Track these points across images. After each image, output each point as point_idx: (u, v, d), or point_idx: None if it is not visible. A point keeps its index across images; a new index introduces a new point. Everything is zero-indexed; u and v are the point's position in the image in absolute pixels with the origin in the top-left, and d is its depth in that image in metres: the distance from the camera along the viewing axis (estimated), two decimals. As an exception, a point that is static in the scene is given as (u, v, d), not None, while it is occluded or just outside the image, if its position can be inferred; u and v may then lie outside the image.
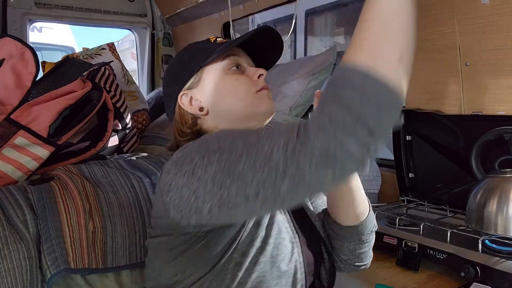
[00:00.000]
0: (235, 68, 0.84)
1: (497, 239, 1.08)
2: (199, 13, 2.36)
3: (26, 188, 1.05)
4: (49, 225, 0.98)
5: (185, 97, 0.86)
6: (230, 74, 0.83)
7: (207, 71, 0.84)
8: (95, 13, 2.39)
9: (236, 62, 0.85)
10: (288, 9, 2.62)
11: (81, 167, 1.20)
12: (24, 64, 1.26)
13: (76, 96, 1.26)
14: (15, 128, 1.16)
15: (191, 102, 0.85)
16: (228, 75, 0.83)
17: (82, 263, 0.98)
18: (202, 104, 0.85)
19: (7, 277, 0.89)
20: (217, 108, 0.84)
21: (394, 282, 1.07)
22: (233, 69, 0.84)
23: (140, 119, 1.80)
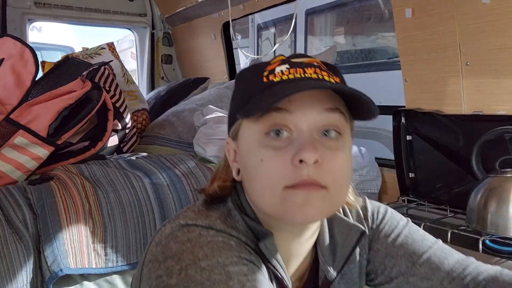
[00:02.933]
0: (275, 135, 0.53)
1: (498, 239, 1.07)
2: (199, 12, 2.36)
3: (25, 188, 1.04)
4: (48, 225, 0.98)
5: (229, 146, 0.61)
6: (261, 147, 0.53)
7: (244, 126, 0.57)
8: (95, 13, 2.38)
9: (281, 122, 0.52)
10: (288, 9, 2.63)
11: (81, 167, 1.20)
12: (23, 64, 1.26)
13: (76, 96, 1.26)
14: (15, 127, 1.16)
15: (235, 157, 0.60)
16: (259, 145, 0.53)
17: (82, 263, 0.98)
18: (240, 167, 0.59)
19: (7, 277, 0.89)
20: (247, 188, 0.58)
21: (394, 282, 1.06)
22: (271, 136, 0.53)
23: (139, 119, 1.80)
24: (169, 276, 0.48)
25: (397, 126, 1.53)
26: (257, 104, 0.52)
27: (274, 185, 0.52)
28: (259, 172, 0.53)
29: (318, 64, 0.56)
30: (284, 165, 0.51)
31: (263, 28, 4.63)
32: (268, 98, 0.51)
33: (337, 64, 3.31)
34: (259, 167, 0.53)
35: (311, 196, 0.51)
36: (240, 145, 0.58)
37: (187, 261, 0.48)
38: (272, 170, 0.52)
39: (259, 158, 0.53)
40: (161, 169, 1.21)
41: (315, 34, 4.05)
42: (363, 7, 3.61)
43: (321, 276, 0.64)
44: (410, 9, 1.39)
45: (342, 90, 0.52)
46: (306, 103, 0.52)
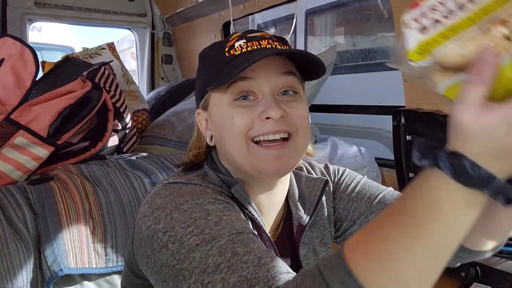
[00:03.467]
0: (243, 99, 0.62)
1: (497, 239, 1.07)
2: (199, 12, 2.36)
3: (25, 188, 1.05)
4: (49, 225, 0.98)
5: (200, 116, 0.70)
6: (232, 107, 0.62)
7: (213, 97, 0.66)
8: (95, 13, 2.38)
9: (247, 89, 0.62)
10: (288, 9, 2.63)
11: (81, 167, 1.20)
12: (23, 64, 1.26)
13: (76, 96, 1.26)
14: (15, 128, 1.16)
15: (207, 125, 0.69)
16: (230, 107, 0.62)
17: (82, 263, 0.98)
18: (212, 133, 0.68)
19: (7, 277, 0.89)
20: (221, 148, 0.67)
21: (394, 282, 1.06)
22: (240, 100, 0.62)
23: (140, 119, 1.80)
24: (157, 223, 0.55)
25: (397, 126, 1.53)
26: (226, 76, 0.61)
27: (244, 136, 0.61)
28: (231, 126, 0.62)
29: (270, 36, 0.65)
30: (253, 119, 0.61)
31: (263, 28, 4.63)
32: (234, 69, 0.60)
33: (337, 64, 3.31)
34: (231, 122, 0.62)
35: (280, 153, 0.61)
36: (212, 113, 0.66)
37: (171, 207, 0.55)
38: (242, 123, 0.61)
39: (230, 116, 0.62)
40: (161, 169, 1.22)
41: (315, 34, 4.05)
42: (363, 7, 3.61)
43: (295, 224, 0.72)
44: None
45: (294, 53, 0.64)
46: (267, 70, 0.62)
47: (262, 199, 0.69)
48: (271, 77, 0.62)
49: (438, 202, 0.39)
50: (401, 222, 0.40)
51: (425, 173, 0.40)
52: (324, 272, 0.41)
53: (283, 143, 0.62)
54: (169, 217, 0.54)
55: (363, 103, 2.27)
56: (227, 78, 0.60)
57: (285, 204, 0.73)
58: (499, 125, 0.35)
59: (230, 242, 0.49)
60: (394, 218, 0.41)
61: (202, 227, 0.51)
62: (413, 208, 0.40)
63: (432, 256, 0.39)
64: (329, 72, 1.85)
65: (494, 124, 0.35)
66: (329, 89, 2.01)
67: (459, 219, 0.39)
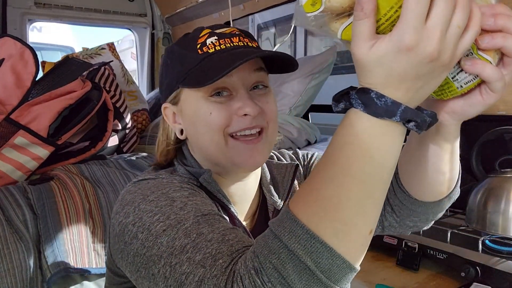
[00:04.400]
0: (218, 95, 0.64)
1: (497, 239, 1.08)
2: (199, 12, 2.36)
3: (25, 188, 1.05)
4: (48, 225, 0.98)
5: (168, 110, 0.70)
6: (208, 103, 0.63)
7: (185, 92, 0.66)
8: (95, 13, 2.39)
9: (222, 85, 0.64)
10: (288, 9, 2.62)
11: (81, 167, 1.20)
12: (23, 64, 1.26)
13: (76, 96, 1.26)
14: (15, 128, 1.16)
15: (174, 119, 0.70)
16: (206, 103, 0.64)
17: (82, 263, 0.98)
18: (182, 127, 0.69)
19: (7, 277, 0.89)
20: (194, 139, 0.68)
21: (394, 282, 1.06)
22: (215, 96, 0.63)
23: (140, 119, 1.80)
24: (127, 217, 0.56)
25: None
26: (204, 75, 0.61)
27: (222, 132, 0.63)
28: (209, 122, 0.63)
29: (239, 33, 0.66)
30: (230, 115, 0.63)
31: (263, 28, 4.63)
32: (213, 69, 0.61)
33: (337, 64, 3.31)
34: (209, 118, 0.63)
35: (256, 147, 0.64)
36: (184, 107, 0.67)
37: (138, 200, 0.57)
38: (220, 120, 0.63)
39: (208, 112, 0.63)
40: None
41: (315, 34, 4.05)
42: (363, 7, 3.61)
43: (270, 209, 0.74)
44: (410, 9, 1.39)
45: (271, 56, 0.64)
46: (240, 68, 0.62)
47: (235, 189, 0.70)
48: (244, 74, 0.64)
49: (357, 135, 0.41)
50: (331, 163, 0.43)
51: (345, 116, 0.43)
52: (274, 228, 0.43)
53: (258, 137, 0.65)
54: (137, 209, 0.56)
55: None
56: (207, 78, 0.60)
57: (259, 192, 0.75)
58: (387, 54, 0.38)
59: (195, 224, 0.51)
60: (326, 161, 0.44)
61: (168, 214, 0.53)
62: (338, 147, 0.43)
63: (365, 189, 0.42)
64: (329, 72, 1.85)
65: (383, 53, 0.38)
66: (329, 89, 2.01)
67: (381, 149, 0.42)
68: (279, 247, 0.42)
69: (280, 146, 1.67)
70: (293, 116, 1.78)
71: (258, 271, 0.42)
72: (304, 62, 1.87)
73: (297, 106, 1.80)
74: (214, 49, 0.64)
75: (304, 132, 1.72)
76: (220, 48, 0.64)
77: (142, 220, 0.54)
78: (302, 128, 1.72)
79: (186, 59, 0.66)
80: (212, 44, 0.64)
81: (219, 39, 0.65)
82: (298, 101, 1.79)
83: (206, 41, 0.65)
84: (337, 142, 0.43)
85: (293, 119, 1.74)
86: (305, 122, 1.79)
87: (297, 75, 1.81)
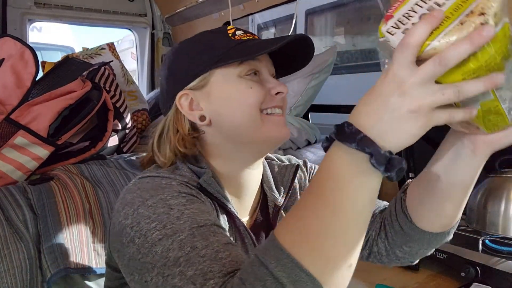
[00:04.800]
0: (254, 75, 0.69)
1: (498, 239, 1.08)
2: (199, 13, 2.36)
3: (25, 188, 1.05)
4: (49, 225, 0.98)
5: (184, 98, 0.69)
6: (246, 80, 0.67)
7: (218, 73, 0.68)
8: (95, 13, 2.38)
9: (255, 67, 0.69)
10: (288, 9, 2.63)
11: (81, 167, 1.20)
12: (23, 64, 1.26)
13: (76, 96, 1.26)
14: (15, 128, 1.16)
15: (191, 106, 0.69)
16: (244, 80, 0.67)
17: (82, 263, 0.98)
18: (204, 112, 0.69)
19: (7, 277, 0.89)
20: (222, 120, 0.68)
21: (394, 282, 1.06)
22: (251, 75, 0.68)
23: (140, 119, 1.81)
24: (126, 218, 0.58)
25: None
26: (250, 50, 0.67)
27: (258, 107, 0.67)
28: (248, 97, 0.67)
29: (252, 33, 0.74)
30: (265, 92, 0.68)
31: (263, 28, 4.63)
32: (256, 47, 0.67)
33: (337, 64, 3.31)
34: (249, 92, 0.67)
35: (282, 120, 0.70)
36: (214, 89, 0.69)
37: (138, 203, 0.58)
38: (259, 94, 0.67)
39: (248, 86, 0.67)
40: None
41: (315, 34, 4.05)
42: (363, 7, 3.61)
43: (270, 206, 0.76)
44: (410, 9, 1.39)
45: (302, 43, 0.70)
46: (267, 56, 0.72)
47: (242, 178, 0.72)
48: (269, 64, 0.72)
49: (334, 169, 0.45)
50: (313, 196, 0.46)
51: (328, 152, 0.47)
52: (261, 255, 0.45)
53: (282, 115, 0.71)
54: (136, 212, 0.57)
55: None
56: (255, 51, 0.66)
57: (260, 190, 0.78)
58: None
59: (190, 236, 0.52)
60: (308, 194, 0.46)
61: (165, 223, 0.54)
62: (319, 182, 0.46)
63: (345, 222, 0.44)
64: (329, 72, 1.85)
65: None
66: (329, 89, 2.01)
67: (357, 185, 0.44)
68: (265, 275, 0.43)
69: (280, 146, 1.67)
70: (293, 116, 1.78)
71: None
72: (304, 62, 1.87)
73: (297, 106, 1.79)
74: (246, 38, 0.70)
75: (304, 132, 1.72)
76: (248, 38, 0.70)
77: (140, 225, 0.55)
78: (302, 128, 1.72)
79: (219, 43, 0.69)
80: (241, 35, 0.70)
81: (245, 33, 0.71)
82: (298, 101, 1.79)
83: (235, 32, 0.71)
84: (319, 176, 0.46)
85: (293, 119, 1.74)
86: (305, 122, 1.79)
87: (297, 75, 1.81)
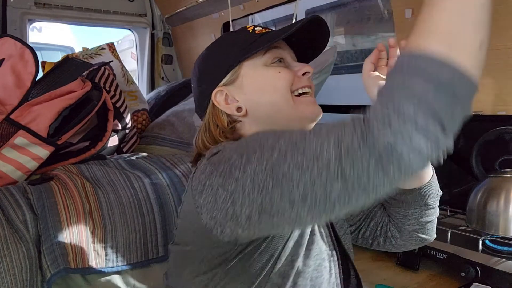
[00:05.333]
0: (279, 62, 0.75)
1: (497, 239, 1.08)
2: (199, 13, 2.36)
3: (25, 188, 1.05)
4: (49, 225, 0.98)
5: (219, 94, 0.74)
6: (273, 67, 0.73)
7: (246, 66, 0.73)
8: (95, 13, 2.38)
9: (279, 55, 0.75)
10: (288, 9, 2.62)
11: (81, 167, 1.20)
12: (23, 64, 1.26)
13: (76, 96, 1.26)
14: (15, 128, 1.16)
15: (227, 101, 0.74)
16: (271, 67, 0.73)
17: (82, 263, 0.98)
18: (240, 103, 0.74)
19: (7, 277, 0.89)
20: (258, 108, 0.73)
21: (394, 282, 1.07)
22: (277, 62, 0.74)
23: (140, 119, 1.80)
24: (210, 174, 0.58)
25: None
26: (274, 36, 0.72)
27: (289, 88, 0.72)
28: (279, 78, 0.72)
29: None
30: (292, 75, 0.73)
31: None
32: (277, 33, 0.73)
33: (337, 64, 3.31)
34: (278, 77, 0.72)
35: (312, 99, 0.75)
36: (245, 80, 0.74)
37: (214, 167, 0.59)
38: (288, 77, 0.73)
39: (277, 71, 0.73)
40: (161, 169, 1.22)
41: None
42: (363, 8, 3.61)
43: None
44: (410, 9, 1.39)
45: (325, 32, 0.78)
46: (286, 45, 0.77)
47: None
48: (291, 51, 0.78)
49: None
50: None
51: None
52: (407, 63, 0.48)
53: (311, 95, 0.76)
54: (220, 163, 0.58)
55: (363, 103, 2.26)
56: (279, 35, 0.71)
57: None
58: None
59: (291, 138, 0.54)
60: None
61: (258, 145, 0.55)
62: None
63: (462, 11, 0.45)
64: (329, 72, 1.85)
65: None
66: (329, 89, 2.01)
67: None
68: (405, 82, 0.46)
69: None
70: (293, 116, 1.78)
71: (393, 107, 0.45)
72: (304, 62, 1.87)
73: (297, 106, 1.79)
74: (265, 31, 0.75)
75: (304, 132, 1.71)
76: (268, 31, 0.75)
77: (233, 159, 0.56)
78: (302, 128, 1.72)
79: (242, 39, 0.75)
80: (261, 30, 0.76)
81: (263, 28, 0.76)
82: (298, 101, 1.79)
83: (255, 28, 0.76)
84: None
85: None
86: (305, 122, 1.78)
87: (297, 75, 1.80)
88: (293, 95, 0.73)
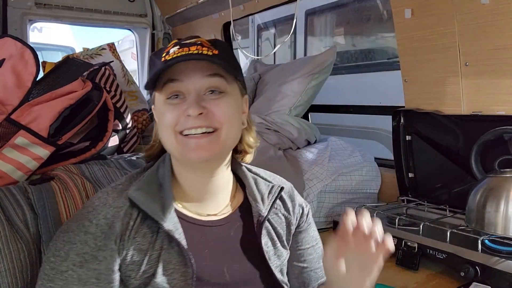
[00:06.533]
0: (174, 98, 0.73)
1: (497, 239, 1.08)
2: (199, 13, 2.37)
3: (26, 188, 1.05)
4: (49, 224, 0.98)
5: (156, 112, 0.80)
6: (165, 105, 0.74)
7: (155, 95, 0.77)
8: (95, 13, 2.39)
9: (176, 89, 0.73)
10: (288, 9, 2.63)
11: (81, 167, 1.20)
12: (24, 64, 1.26)
13: (76, 96, 1.26)
14: (15, 128, 1.16)
15: None
16: (164, 105, 0.74)
17: (82, 262, 0.98)
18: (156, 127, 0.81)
19: (7, 277, 0.89)
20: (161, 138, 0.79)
21: (394, 282, 1.07)
22: (171, 98, 0.73)
23: (140, 119, 1.81)
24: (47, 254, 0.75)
25: (397, 126, 1.53)
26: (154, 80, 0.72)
27: (173, 130, 0.72)
28: (163, 121, 0.73)
29: (201, 42, 0.74)
30: (178, 115, 0.72)
31: (263, 28, 4.63)
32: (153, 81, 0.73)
33: (337, 64, 3.31)
34: (163, 117, 0.73)
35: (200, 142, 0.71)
36: (155, 108, 0.79)
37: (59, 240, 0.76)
38: (170, 119, 0.72)
39: (163, 112, 0.74)
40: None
41: (315, 34, 4.06)
42: (363, 8, 3.61)
43: (255, 215, 0.82)
44: (409, 9, 1.40)
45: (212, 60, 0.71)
46: (192, 72, 0.72)
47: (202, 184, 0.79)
48: (196, 79, 0.72)
49: None
50: None
51: None
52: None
53: (208, 135, 0.72)
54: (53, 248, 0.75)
55: (363, 103, 2.27)
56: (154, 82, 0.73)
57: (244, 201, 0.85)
58: None
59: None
60: None
61: None
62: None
63: None
64: (329, 72, 1.86)
65: None
66: (329, 89, 2.02)
67: None
68: None
69: (280, 146, 1.67)
70: (293, 116, 1.78)
71: None
72: (304, 62, 1.87)
73: (297, 106, 1.80)
74: (172, 57, 0.71)
75: (304, 132, 1.72)
76: (176, 56, 0.71)
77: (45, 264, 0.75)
78: (302, 128, 1.73)
79: (153, 66, 0.76)
80: (173, 52, 0.72)
81: (180, 47, 0.72)
82: (298, 101, 1.79)
83: (170, 50, 0.73)
84: None
85: (293, 119, 1.74)
86: (305, 122, 1.79)
87: (297, 75, 1.81)
88: (181, 134, 0.72)
